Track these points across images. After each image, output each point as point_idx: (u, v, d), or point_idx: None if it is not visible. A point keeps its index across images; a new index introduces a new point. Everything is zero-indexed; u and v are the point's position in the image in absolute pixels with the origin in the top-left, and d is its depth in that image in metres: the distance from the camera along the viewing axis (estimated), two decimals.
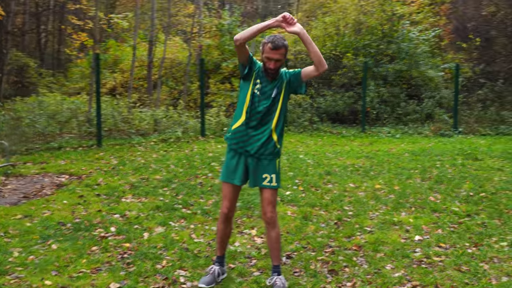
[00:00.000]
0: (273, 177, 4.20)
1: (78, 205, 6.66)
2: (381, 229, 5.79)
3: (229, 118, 15.22)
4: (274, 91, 4.12)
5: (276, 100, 4.14)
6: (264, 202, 4.25)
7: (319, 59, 3.95)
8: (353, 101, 16.94)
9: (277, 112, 4.15)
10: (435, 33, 19.14)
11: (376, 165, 9.73)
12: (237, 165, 4.22)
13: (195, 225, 5.94)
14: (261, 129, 4.14)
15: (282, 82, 4.16)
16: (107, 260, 4.79)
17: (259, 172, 4.20)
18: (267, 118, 4.13)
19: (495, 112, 16.21)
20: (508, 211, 6.44)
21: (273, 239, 4.30)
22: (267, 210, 4.23)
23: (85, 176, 8.49)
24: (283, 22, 3.93)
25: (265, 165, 4.19)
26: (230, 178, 4.25)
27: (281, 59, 4.03)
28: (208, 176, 8.61)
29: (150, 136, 13.26)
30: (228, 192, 4.30)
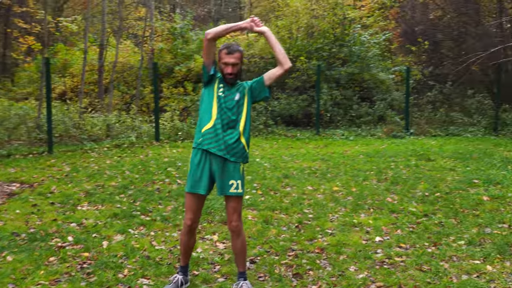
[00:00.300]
0: (239, 183, 4.18)
1: (32, 215, 6.44)
2: (342, 231, 5.84)
3: (183, 122, 15.10)
4: (236, 94, 4.16)
5: (240, 104, 4.17)
6: (230, 211, 4.23)
7: (284, 57, 4.13)
8: (306, 104, 17.08)
9: (243, 115, 4.17)
10: (386, 36, 19.55)
11: (333, 168, 9.82)
12: (202, 173, 4.18)
13: (155, 232, 5.84)
14: (230, 131, 4.13)
15: (243, 88, 4.23)
16: (66, 270, 4.64)
17: (226, 178, 4.16)
18: (234, 121, 4.14)
19: (444, 114, 16.64)
20: (463, 210, 6.60)
21: (238, 247, 4.29)
22: (233, 219, 4.21)
23: (37, 184, 8.24)
24: (252, 23, 4.16)
25: (231, 170, 4.16)
26: (195, 188, 4.19)
27: (238, 63, 4.12)
28: (165, 182, 8.49)
29: (102, 141, 12.99)
30: (193, 203, 4.25)
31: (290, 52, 18.16)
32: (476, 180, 8.26)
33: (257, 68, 18.30)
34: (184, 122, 15.17)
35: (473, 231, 5.71)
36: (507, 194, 7.31)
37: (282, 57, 4.13)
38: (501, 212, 6.45)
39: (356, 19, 19.72)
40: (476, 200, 7.03)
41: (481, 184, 8.05)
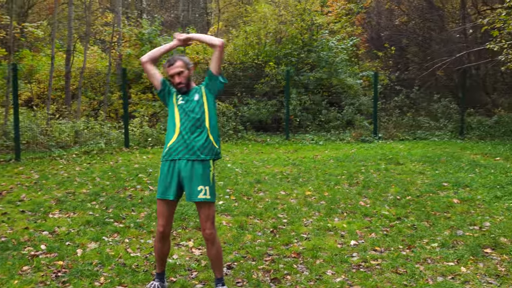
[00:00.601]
0: (207, 189, 4.18)
1: (2, 223, 6.29)
2: (317, 235, 5.87)
3: (152, 128, 14.99)
4: (195, 96, 4.24)
5: (201, 102, 4.22)
6: (202, 218, 4.23)
7: (211, 39, 4.26)
8: (276, 109, 17.15)
9: (206, 113, 4.21)
10: (353, 42, 19.77)
11: (304, 172, 9.87)
12: (171, 180, 4.20)
13: (130, 239, 5.78)
14: (197, 131, 4.17)
15: (200, 88, 4.30)
16: (41, 280, 4.55)
17: (194, 184, 4.15)
18: (199, 119, 4.18)
19: (411, 118, 16.92)
20: (435, 213, 6.71)
21: (213, 254, 4.28)
22: (206, 227, 4.21)
23: (5, 192, 8.05)
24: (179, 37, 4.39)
25: (200, 174, 4.15)
26: (165, 194, 4.21)
27: (182, 71, 4.20)
28: (137, 188, 8.41)
29: (71, 148, 12.80)
30: (164, 209, 4.26)
31: (259, 58, 18.23)
32: (446, 183, 8.41)
33: (225, 73, 18.31)
34: (154, 128, 15.06)
35: (445, 233, 5.81)
36: (476, 197, 7.46)
37: (209, 40, 4.27)
38: (471, 214, 6.58)
39: (323, 25, 19.91)
40: (447, 203, 7.16)
41: (450, 187, 8.21)
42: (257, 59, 18.41)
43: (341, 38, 20.17)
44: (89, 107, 18.23)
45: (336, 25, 21.57)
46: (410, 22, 23.38)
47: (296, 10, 19.23)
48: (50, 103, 14.35)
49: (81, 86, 15.41)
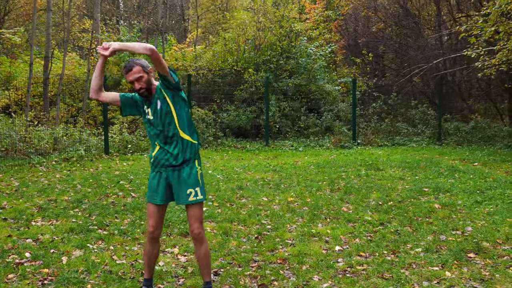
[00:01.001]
0: (197, 191, 4.22)
1: None
2: (302, 241, 5.91)
3: (132, 134, 14.92)
4: (158, 104, 4.17)
5: (164, 107, 4.15)
6: (191, 219, 4.25)
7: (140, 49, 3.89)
8: (255, 115, 17.21)
9: (173, 115, 4.17)
10: (331, 48, 19.93)
11: (285, 178, 9.92)
12: (158, 185, 4.24)
13: (115, 246, 5.75)
14: (172, 139, 4.18)
15: (160, 91, 4.20)
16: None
17: (183, 188, 4.19)
18: (169, 127, 4.17)
19: (390, 124, 17.11)
20: (417, 218, 6.80)
21: (202, 255, 4.29)
22: (194, 227, 4.23)
23: None
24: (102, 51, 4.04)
25: (186, 178, 4.19)
26: (153, 198, 4.27)
27: (142, 76, 4.09)
28: (119, 195, 8.37)
29: (50, 155, 12.67)
30: (153, 211, 4.29)
31: (238, 64, 18.28)
32: (426, 189, 8.53)
33: (204, 80, 18.33)
34: (133, 134, 14.99)
35: (428, 238, 5.89)
36: (456, 202, 7.59)
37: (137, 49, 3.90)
38: (453, 219, 6.69)
39: (302, 32, 20.05)
40: (428, 208, 7.26)
41: (431, 192, 8.33)
42: (236, 66, 18.46)
43: (319, 44, 20.33)
44: (67, 113, 18.07)
45: (314, 32, 21.74)
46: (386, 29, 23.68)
47: (275, 17, 19.35)
48: (28, 110, 14.17)
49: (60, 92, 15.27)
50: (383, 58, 23.81)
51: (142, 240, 5.95)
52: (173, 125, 4.16)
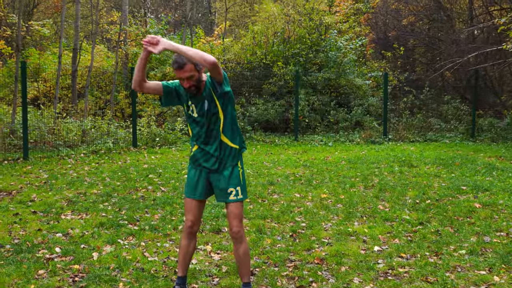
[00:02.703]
0: (238, 190, 4.07)
1: (14, 224, 6.12)
2: (339, 240, 5.68)
3: (159, 128, 14.83)
4: (205, 104, 3.97)
5: (212, 109, 3.96)
6: (230, 217, 4.09)
7: (200, 59, 3.66)
8: (283, 109, 16.98)
9: (219, 117, 3.99)
10: (362, 42, 19.58)
11: (317, 174, 9.70)
12: (198, 181, 4.10)
13: (146, 242, 5.60)
14: (213, 142, 4.02)
15: (209, 90, 3.97)
16: (58, 284, 4.37)
17: (223, 187, 4.04)
18: (213, 129, 4.00)
19: (421, 120, 16.73)
20: (457, 218, 6.52)
21: (241, 255, 4.11)
22: (233, 225, 4.06)
23: (15, 192, 7.89)
24: (150, 46, 3.71)
25: (227, 177, 4.04)
26: (192, 194, 4.12)
27: (193, 75, 3.84)
28: (148, 189, 8.24)
29: (78, 147, 12.64)
30: (192, 205, 4.14)
31: (267, 57, 18.06)
32: (464, 187, 8.22)
33: (233, 73, 18.14)
34: (161, 127, 14.90)
35: (472, 239, 5.62)
36: (497, 201, 7.27)
37: (198, 61, 3.69)
38: (495, 220, 6.39)
39: (331, 25, 19.72)
40: (468, 208, 6.96)
41: (469, 190, 8.02)
42: (265, 59, 18.23)
43: (349, 38, 19.99)
44: (95, 106, 18.06)
45: (344, 25, 21.38)
46: (417, 22, 23.22)
47: (304, 9, 19.05)
48: (57, 101, 14.16)
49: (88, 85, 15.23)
50: (413, 52, 23.35)
51: (174, 236, 5.79)
52: (218, 127, 3.99)
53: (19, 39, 13.20)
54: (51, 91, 17.78)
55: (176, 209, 6.99)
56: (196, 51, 3.68)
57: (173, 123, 15.27)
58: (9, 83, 16.91)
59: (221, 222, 6.35)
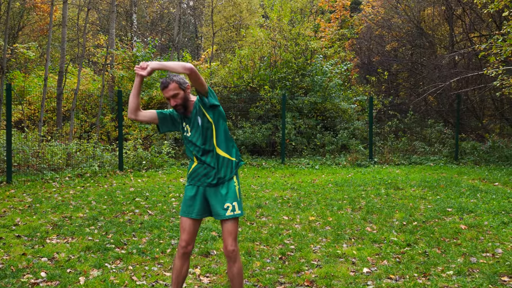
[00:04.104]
0: (235, 205, 4.09)
1: None
2: (328, 262, 5.68)
3: (146, 151, 14.78)
4: (198, 119, 4.09)
5: (206, 123, 4.08)
6: (225, 235, 4.09)
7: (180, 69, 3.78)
8: (270, 132, 17.03)
9: (213, 132, 4.09)
10: (347, 67, 19.80)
11: (304, 197, 9.72)
12: (195, 199, 4.13)
13: (134, 266, 5.55)
14: (209, 154, 4.10)
15: (198, 107, 4.10)
16: None
17: (220, 203, 4.07)
18: (208, 143, 4.10)
19: (406, 143, 16.87)
20: (444, 239, 6.56)
21: (234, 274, 4.11)
22: (228, 244, 4.06)
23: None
24: (140, 70, 3.95)
25: (224, 193, 4.08)
26: (188, 213, 4.14)
27: (177, 93, 4.02)
28: (135, 213, 8.19)
29: (63, 171, 12.55)
30: (187, 225, 4.15)
31: (254, 81, 18.17)
32: (449, 209, 8.29)
33: (220, 97, 18.21)
34: (147, 151, 14.85)
35: (459, 260, 5.65)
36: (482, 223, 7.34)
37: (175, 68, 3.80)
38: (481, 241, 6.44)
39: (317, 50, 19.93)
40: (454, 229, 7.02)
41: (454, 212, 8.09)
42: (251, 83, 18.34)
43: (334, 63, 20.20)
44: (80, 129, 17.98)
45: (329, 50, 21.62)
46: (400, 48, 23.58)
47: (290, 34, 19.24)
48: (42, 124, 14.07)
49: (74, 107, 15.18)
50: (397, 77, 23.66)
51: (162, 259, 5.75)
52: (212, 141, 4.08)
53: (4, 61, 13.15)
54: (36, 114, 17.70)
55: (164, 232, 6.94)
56: (176, 62, 3.85)
57: (160, 146, 15.25)
58: None
59: (209, 245, 6.32)
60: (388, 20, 23.53)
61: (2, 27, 23.42)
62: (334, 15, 26.31)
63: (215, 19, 31.83)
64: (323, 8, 26.03)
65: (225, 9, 33.51)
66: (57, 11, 22.35)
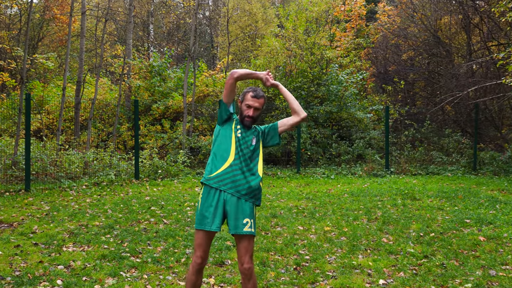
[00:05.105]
0: (252, 222, 4.06)
1: (15, 256, 6.08)
2: (343, 273, 5.64)
3: (162, 160, 14.83)
4: (253, 139, 4.12)
5: (257, 147, 4.13)
6: (241, 251, 4.03)
7: (298, 107, 4.19)
8: (285, 142, 17.01)
9: (259, 159, 4.14)
10: (363, 76, 19.74)
11: (319, 207, 9.67)
12: (216, 209, 4.04)
13: (148, 274, 5.56)
14: (249, 173, 4.05)
15: (258, 132, 4.19)
16: None
17: (240, 217, 4.01)
18: (252, 163, 4.09)
19: (423, 153, 16.73)
20: (462, 251, 6.48)
21: None
22: (244, 261, 4.01)
23: (17, 223, 7.86)
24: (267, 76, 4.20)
25: (244, 208, 4.03)
26: (206, 225, 4.03)
27: (260, 108, 4.14)
28: (151, 222, 8.21)
29: (80, 179, 12.64)
30: (203, 240, 4.07)
31: (269, 91, 18.20)
32: (468, 220, 8.19)
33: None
34: (163, 160, 14.91)
35: (477, 273, 5.57)
36: (502, 234, 7.23)
37: (296, 107, 4.21)
38: (500, 253, 6.35)
39: (332, 59, 19.92)
40: (473, 241, 6.93)
41: (473, 224, 7.99)
42: (267, 92, 18.36)
43: (350, 72, 20.17)
44: (97, 138, 18.12)
45: (345, 59, 21.59)
46: (417, 57, 23.46)
47: (306, 44, 19.26)
48: (60, 133, 14.20)
49: (92, 117, 15.31)
50: (413, 86, 23.53)
51: (177, 269, 5.75)
52: (256, 161, 4.12)
53: (24, 71, 13.31)
54: (54, 123, 17.87)
55: (179, 241, 6.95)
56: (297, 103, 4.24)
57: (175, 155, 15.29)
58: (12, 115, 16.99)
59: (224, 254, 6.30)
60: (404, 29, 23.44)
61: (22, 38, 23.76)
62: (349, 25, 26.28)
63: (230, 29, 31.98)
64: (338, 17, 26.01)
65: (241, 19, 33.68)
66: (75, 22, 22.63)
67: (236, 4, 34.30)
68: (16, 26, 25.70)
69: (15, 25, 25.94)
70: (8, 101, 17.27)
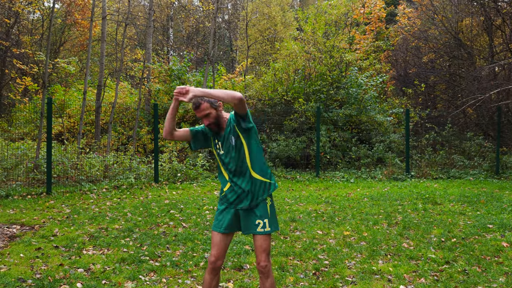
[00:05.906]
0: (266, 222, 4.03)
1: (36, 259, 6.13)
2: (363, 279, 5.58)
3: (181, 163, 14.88)
4: (232, 139, 4.05)
5: (238, 144, 4.03)
6: (258, 250, 4.04)
7: (228, 99, 3.75)
8: (305, 145, 16.95)
9: (246, 153, 4.04)
10: (383, 79, 19.61)
11: (339, 211, 9.61)
12: (225, 214, 4.09)
13: (167, 278, 5.55)
14: (242, 177, 4.04)
15: (233, 126, 4.06)
16: None
17: (251, 219, 4.03)
18: (241, 164, 4.04)
19: (445, 156, 16.56)
20: (484, 257, 6.37)
21: None
22: (261, 259, 4.01)
23: (38, 226, 7.94)
24: (179, 95, 3.83)
25: (255, 211, 4.04)
26: (217, 227, 4.11)
27: (210, 113, 3.99)
28: (170, 225, 8.23)
29: (101, 182, 12.73)
30: (217, 240, 4.11)
31: (288, 94, 18.17)
32: (490, 225, 8.06)
33: (254, 109, 18.25)
34: (183, 163, 14.95)
35: (500, 280, 5.47)
36: None
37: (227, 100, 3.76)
38: None
39: (352, 62, 19.83)
40: (496, 247, 6.81)
41: (496, 229, 7.86)
42: (286, 96, 18.33)
43: (370, 75, 20.05)
44: (118, 141, 18.24)
45: (364, 62, 21.48)
46: (438, 59, 23.25)
47: (325, 47, 19.19)
48: (80, 137, 14.33)
49: (112, 120, 15.42)
50: (434, 89, 23.32)
51: (195, 273, 5.74)
52: (245, 162, 4.03)
53: (45, 76, 13.46)
54: (75, 126, 18.03)
55: (198, 245, 6.94)
56: (224, 91, 3.80)
57: (195, 159, 15.33)
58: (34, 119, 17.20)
59: (243, 259, 6.28)
60: (424, 32, 23.26)
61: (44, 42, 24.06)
62: (369, 27, 26.17)
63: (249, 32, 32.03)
64: (358, 20, 25.90)
65: (260, 22, 33.72)
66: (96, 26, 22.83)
67: (255, 7, 34.37)
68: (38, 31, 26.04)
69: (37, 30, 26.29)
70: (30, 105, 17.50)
